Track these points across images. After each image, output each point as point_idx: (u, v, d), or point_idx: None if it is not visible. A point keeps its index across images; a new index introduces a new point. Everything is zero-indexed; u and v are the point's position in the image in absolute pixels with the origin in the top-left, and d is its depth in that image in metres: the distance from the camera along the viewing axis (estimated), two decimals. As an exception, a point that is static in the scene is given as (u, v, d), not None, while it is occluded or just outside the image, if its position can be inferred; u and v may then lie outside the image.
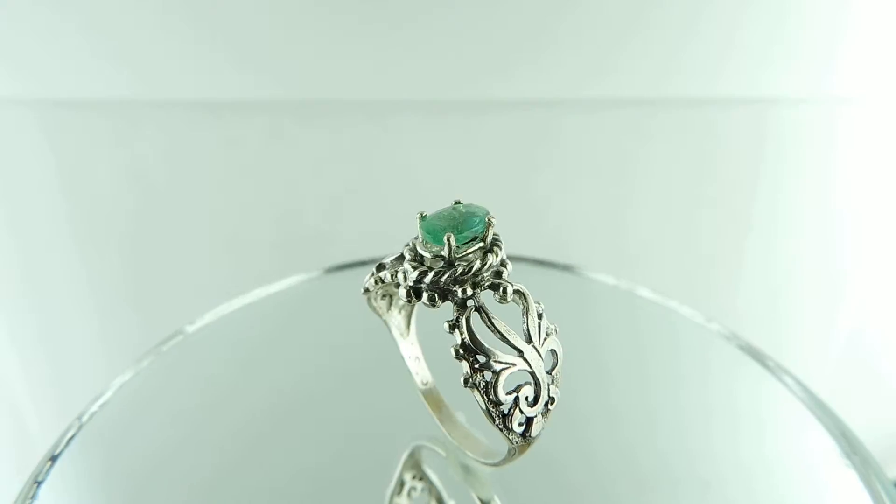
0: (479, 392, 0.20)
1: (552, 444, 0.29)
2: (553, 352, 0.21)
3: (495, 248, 0.20)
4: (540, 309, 0.21)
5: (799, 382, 0.31)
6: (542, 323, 0.21)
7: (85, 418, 0.29)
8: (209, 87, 0.49)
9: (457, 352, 0.20)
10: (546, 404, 0.21)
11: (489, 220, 0.20)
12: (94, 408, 0.29)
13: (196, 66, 0.48)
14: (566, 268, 0.39)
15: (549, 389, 0.21)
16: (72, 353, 0.59)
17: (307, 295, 0.38)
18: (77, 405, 0.30)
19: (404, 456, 0.28)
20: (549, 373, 0.21)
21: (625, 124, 0.52)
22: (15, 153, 0.51)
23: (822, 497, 0.28)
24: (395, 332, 0.26)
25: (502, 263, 0.21)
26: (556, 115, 0.51)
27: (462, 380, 0.20)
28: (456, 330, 0.20)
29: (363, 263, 0.39)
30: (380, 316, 0.25)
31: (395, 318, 0.25)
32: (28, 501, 0.25)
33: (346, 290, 0.39)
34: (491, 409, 0.20)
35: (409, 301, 0.20)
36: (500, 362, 0.20)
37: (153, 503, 0.27)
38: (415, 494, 0.27)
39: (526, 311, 0.21)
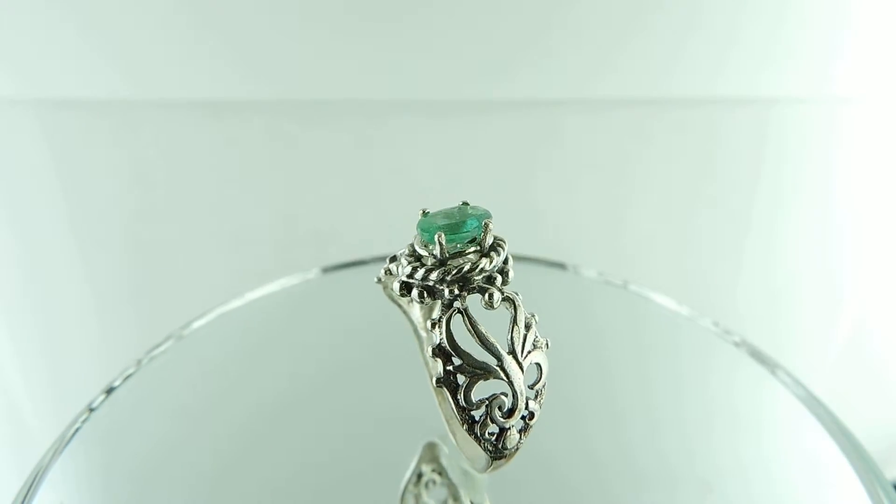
0: (449, 393, 0.20)
1: (552, 443, 0.29)
2: (538, 366, 0.21)
3: (492, 253, 0.20)
4: (531, 320, 0.20)
5: (799, 382, 0.31)
6: (528, 334, 0.20)
7: (85, 416, 0.29)
8: (209, 87, 0.49)
9: (433, 351, 0.20)
10: (524, 418, 0.20)
11: (486, 223, 0.20)
12: (95, 405, 0.29)
13: (196, 66, 0.48)
14: (566, 267, 0.39)
15: (527, 403, 0.20)
16: (72, 353, 0.59)
17: (307, 294, 0.38)
18: (77, 405, 0.30)
19: (420, 448, 0.28)
20: (531, 387, 0.21)
21: (625, 124, 0.52)
22: (15, 153, 0.51)
23: (821, 497, 0.28)
24: (416, 325, 0.26)
25: (502, 271, 0.20)
26: (556, 115, 0.51)
27: (434, 379, 0.20)
28: (436, 329, 0.20)
29: (363, 263, 0.39)
30: (400, 307, 0.25)
31: (416, 311, 0.25)
32: (28, 500, 0.25)
33: (346, 289, 0.39)
34: (460, 412, 0.20)
35: (402, 295, 0.20)
36: (475, 368, 0.20)
37: (155, 501, 0.27)
38: (433, 487, 0.27)
39: (513, 320, 0.20)
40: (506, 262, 0.21)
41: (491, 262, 0.20)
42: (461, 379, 0.20)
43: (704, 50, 0.48)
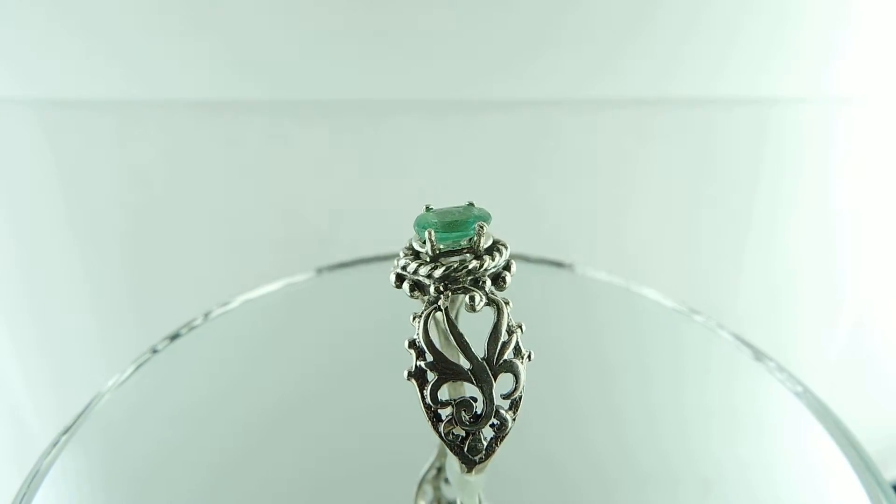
0: (417, 388, 0.20)
1: (552, 443, 0.29)
2: (515, 376, 0.20)
3: (486, 256, 0.20)
4: (515, 329, 0.20)
5: (799, 382, 0.31)
6: (509, 342, 0.20)
7: (85, 416, 0.29)
8: (209, 87, 0.49)
9: (409, 343, 0.20)
10: (494, 427, 0.20)
11: (479, 225, 0.20)
12: (94, 406, 0.29)
13: (196, 66, 0.48)
14: (566, 266, 0.39)
15: (495, 412, 0.20)
16: (72, 353, 0.59)
17: (307, 293, 0.38)
18: (77, 405, 0.30)
19: (437, 443, 0.28)
20: (505, 397, 0.20)
21: (625, 124, 0.52)
22: (15, 153, 0.51)
23: (820, 497, 0.28)
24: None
25: (497, 275, 0.20)
26: (556, 115, 0.51)
27: (406, 372, 0.20)
28: (416, 322, 0.20)
29: (362, 262, 0.39)
30: (419, 300, 0.25)
31: None
32: (28, 500, 0.25)
33: (346, 289, 0.39)
34: (425, 408, 0.20)
35: (397, 287, 0.20)
36: (444, 367, 0.20)
37: (155, 502, 0.27)
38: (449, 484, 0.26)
39: (494, 326, 0.20)
40: (507, 267, 0.20)
41: (482, 265, 0.20)
42: (430, 376, 0.20)
43: (704, 50, 0.48)
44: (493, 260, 0.20)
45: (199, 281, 0.56)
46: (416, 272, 0.20)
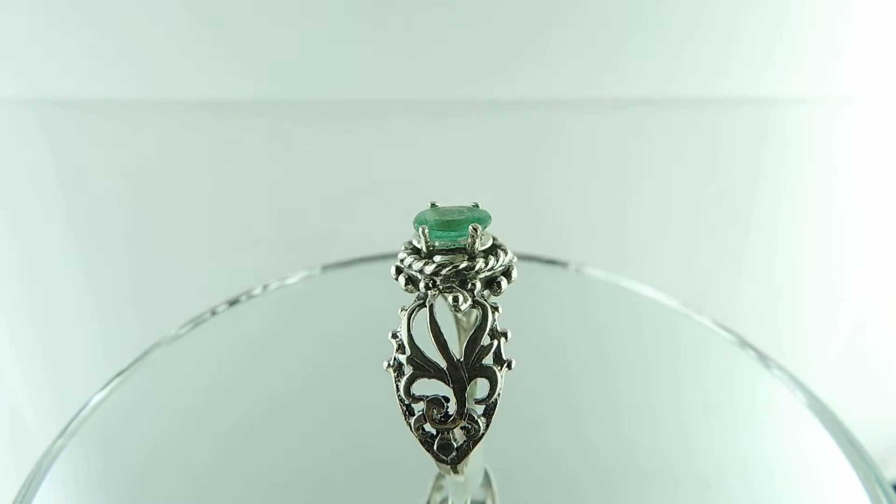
0: (394, 378, 0.20)
1: (552, 442, 0.29)
2: (491, 383, 0.20)
3: (479, 259, 0.20)
4: (498, 335, 0.20)
5: (798, 382, 0.31)
6: (489, 347, 0.20)
7: (84, 416, 0.29)
8: (209, 87, 0.49)
9: (392, 335, 0.20)
10: (466, 430, 0.20)
11: (472, 227, 0.20)
12: (94, 406, 0.29)
13: (196, 66, 0.48)
14: (566, 265, 0.39)
15: (467, 415, 0.20)
16: (72, 352, 0.59)
17: (307, 293, 0.38)
18: (77, 405, 0.30)
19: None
20: (479, 402, 0.20)
21: (625, 124, 0.52)
22: (15, 153, 0.51)
23: (820, 497, 0.28)
24: (455, 316, 0.25)
25: (491, 280, 0.20)
26: (556, 114, 0.51)
27: (385, 362, 0.20)
28: (402, 315, 0.20)
29: (363, 261, 0.39)
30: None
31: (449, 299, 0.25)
32: (28, 500, 0.25)
33: (347, 288, 0.39)
34: (398, 400, 0.20)
35: (396, 279, 0.20)
36: (419, 363, 0.20)
37: (155, 502, 0.27)
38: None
39: (476, 329, 0.20)
40: (507, 273, 0.20)
41: (473, 266, 0.20)
42: (407, 370, 0.20)
43: (704, 50, 0.48)
44: (486, 263, 0.20)
45: (199, 281, 0.56)
46: (410, 267, 0.20)
